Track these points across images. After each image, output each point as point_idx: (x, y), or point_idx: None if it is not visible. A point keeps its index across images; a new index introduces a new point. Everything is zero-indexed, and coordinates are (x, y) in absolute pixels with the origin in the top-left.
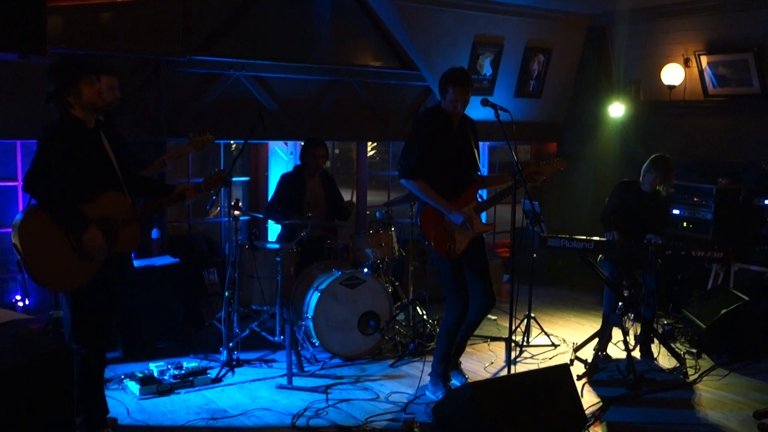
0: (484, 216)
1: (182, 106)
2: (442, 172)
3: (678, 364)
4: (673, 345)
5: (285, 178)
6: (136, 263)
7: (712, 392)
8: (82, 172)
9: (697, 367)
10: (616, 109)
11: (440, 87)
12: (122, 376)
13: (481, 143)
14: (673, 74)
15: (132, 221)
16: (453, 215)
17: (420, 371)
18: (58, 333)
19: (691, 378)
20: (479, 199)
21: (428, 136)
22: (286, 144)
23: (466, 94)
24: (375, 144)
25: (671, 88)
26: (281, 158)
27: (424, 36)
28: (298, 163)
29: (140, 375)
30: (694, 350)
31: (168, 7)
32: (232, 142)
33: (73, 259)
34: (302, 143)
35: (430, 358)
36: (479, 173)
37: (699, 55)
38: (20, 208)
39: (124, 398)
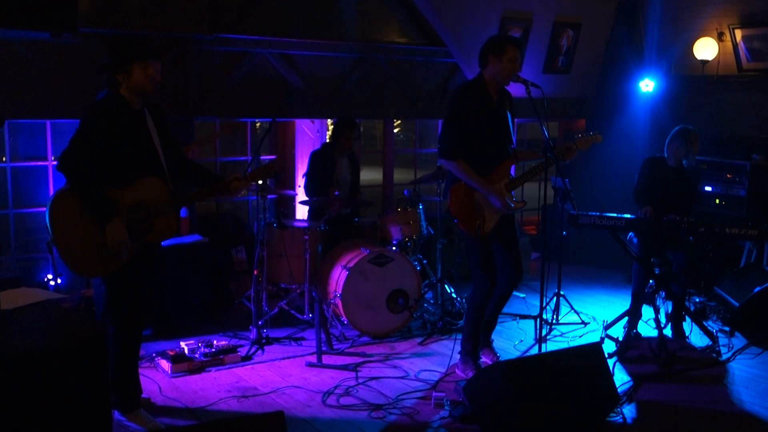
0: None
1: (209, 85)
2: (477, 147)
3: (710, 343)
4: (705, 323)
5: (316, 157)
6: (165, 242)
7: (746, 371)
8: (122, 155)
9: (730, 346)
10: (647, 85)
11: (493, 50)
12: (154, 354)
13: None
14: (706, 49)
15: (169, 211)
16: (492, 198)
17: (450, 349)
18: (89, 312)
19: (724, 356)
20: (511, 176)
21: (466, 112)
22: (312, 122)
23: (519, 52)
24: (399, 121)
25: (704, 62)
26: (308, 136)
27: (452, 12)
28: (325, 140)
29: (171, 354)
30: (727, 328)
31: None
32: (257, 121)
33: (104, 245)
34: (335, 122)
35: (460, 336)
36: (512, 147)
37: (733, 29)
38: (51, 187)
39: (156, 376)
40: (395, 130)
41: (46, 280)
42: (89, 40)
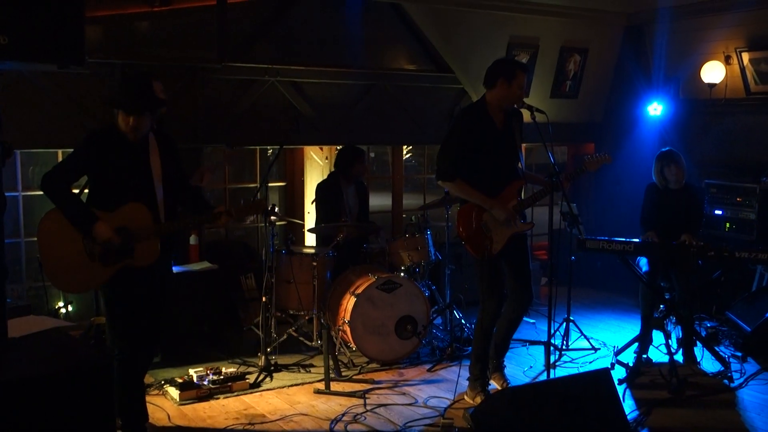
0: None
1: (218, 113)
2: (483, 170)
3: (722, 368)
4: (717, 348)
5: (323, 188)
6: (175, 269)
7: (758, 396)
8: (110, 181)
9: (743, 371)
10: (655, 109)
11: (504, 73)
12: (162, 382)
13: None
14: (713, 72)
15: (150, 237)
16: (496, 211)
17: (458, 375)
18: (99, 339)
19: (736, 382)
20: (519, 198)
21: (467, 136)
22: (321, 149)
23: (526, 79)
24: (410, 147)
25: (712, 86)
26: (317, 163)
27: (459, 38)
28: (334, 168)
29: (180, 380)
30: (739, 353)
31: (204, 15)
32: (269, 148)
33: (85, 262)
34: (342, 151)
35: (468, 362)
36: (520, 168)
37: (740, 52)
38: None
39: (165, 404)
40: (406, 156)
41: (56, 308)
42: (99, 69)
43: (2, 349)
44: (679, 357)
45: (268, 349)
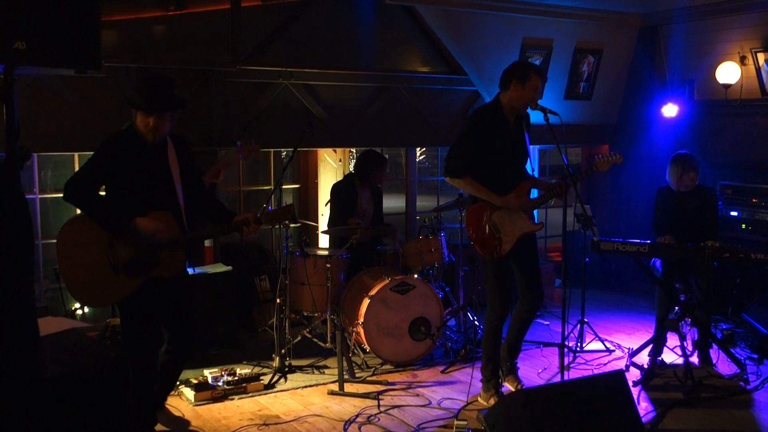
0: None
1: (232, 116)
2: (494, 170)
3: (738, 370)
4: (732, 350)
5: (338, 189)
6: (189, 271)
7: None
8: (132, 187)
9: (759, 373)
10: (670, 110)
11: (518, 75)
12: (177, 382)
13: (531, 146)
14: (728, 73)
15: (178, 246)
16: (509, 201)
17: (471, 377)
18: (115, 341)
19: (752, 384)
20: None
21: (480, 135)
22: (335, 151)
23: (541, 82)
24: (423, 149)
25: (727, 87)
26: (330, 165)
27: (472, 40)
28: (350, 170)
29: (195, 381)
30: (755, 355)
31: (218, 19)
32: (283, 150)
33: (109, 275)
34: (364, 156)
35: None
36: (531, 169)
37: (755, 53)
38: None
39: (180, 404)
40: (420, 157)
41: (73, 309)
42: (115, 73)
43: (38, 350)
44: (694, 359)
45: (283, 351)
